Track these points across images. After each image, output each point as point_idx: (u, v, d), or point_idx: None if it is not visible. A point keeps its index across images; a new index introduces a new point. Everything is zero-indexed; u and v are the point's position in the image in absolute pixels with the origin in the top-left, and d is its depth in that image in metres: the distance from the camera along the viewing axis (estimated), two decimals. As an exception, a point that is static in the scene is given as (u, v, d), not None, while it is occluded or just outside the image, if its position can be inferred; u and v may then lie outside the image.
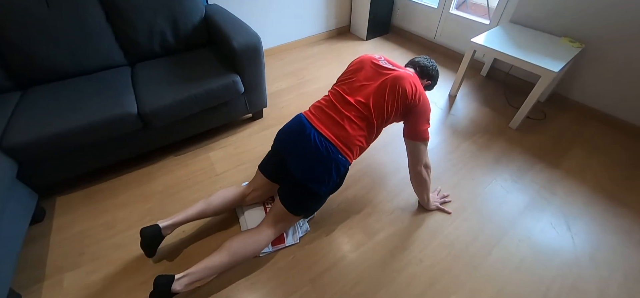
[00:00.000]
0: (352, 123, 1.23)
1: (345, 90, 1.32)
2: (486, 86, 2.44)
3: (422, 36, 3.04)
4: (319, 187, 1.20)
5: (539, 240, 1.40)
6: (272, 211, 1.31)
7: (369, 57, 1.40)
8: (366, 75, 1.33)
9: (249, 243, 1.22)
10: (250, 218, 1.45)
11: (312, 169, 1.19)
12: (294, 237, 1.41)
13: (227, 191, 1.40)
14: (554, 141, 1.91)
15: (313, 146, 1.18)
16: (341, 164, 1.20)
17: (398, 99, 1.25)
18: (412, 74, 1.33)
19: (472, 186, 1.65)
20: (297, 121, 1.30)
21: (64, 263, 1.33)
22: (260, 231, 1.26)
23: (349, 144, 1.21)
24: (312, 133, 1.21)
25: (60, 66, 1.70)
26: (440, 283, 1.26)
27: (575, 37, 1.97)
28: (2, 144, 1.34)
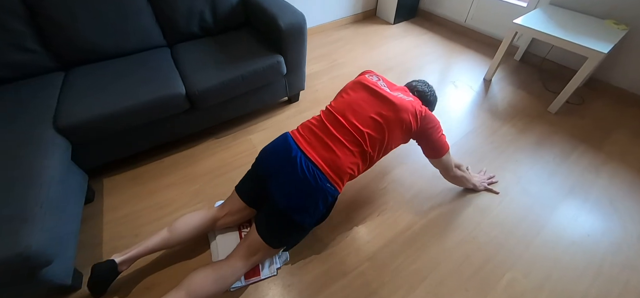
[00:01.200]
0: (344, 147, 1.11)
1: (339, 110, 1.20)
2: (521, 71, 2.42)
3: (452, 20, 3.00)
4: (303, 218, 1.07)
5: (587, 220, 1.42)
6: (245, 242, 1.14)
7: (366, 79, 1.29)
8: (363, 97, 1.22)
9: (213, 280, 1.04)
10: (223, 245, 1.28)
11: (297, 197, 1.06)
12: (271, 269, 1.24)
13: (193, 217, 1.23)
14: (594, 126, 1.91)
15: (299, 172, 1.05)
16: (329, 193, 1.07)
17: (399, 129, 1.18)
18: (413, 100, 1.24)
19: (516, 168, 1.66)
20: (282, 140, 1.17)
21: (120, 244, 1.34)
22: (229, 264, 1.10)
23: (339, 171, 1.09)
24: (299, 156, 1.08)
25: (102, 47, 1.69)
26: (495, 260, 1.29)
27: (618, 19, 1.95)
28: (57, 124, 1.34)
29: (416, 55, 2.66)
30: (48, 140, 1.26)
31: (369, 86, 1.25)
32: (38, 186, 1.08)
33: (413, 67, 2.50)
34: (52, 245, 1.01)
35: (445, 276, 1.24)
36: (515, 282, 1.21)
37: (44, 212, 1.03)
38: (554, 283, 1.21)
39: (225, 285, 1.08)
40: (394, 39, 2.91)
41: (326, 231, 1.38)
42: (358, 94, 1.24)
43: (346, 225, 1.41)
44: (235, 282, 1.13)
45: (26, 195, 1.04)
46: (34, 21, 1.54)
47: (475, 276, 1.23)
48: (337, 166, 1.08)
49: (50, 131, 1.30)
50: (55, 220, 1.09)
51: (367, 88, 1.25)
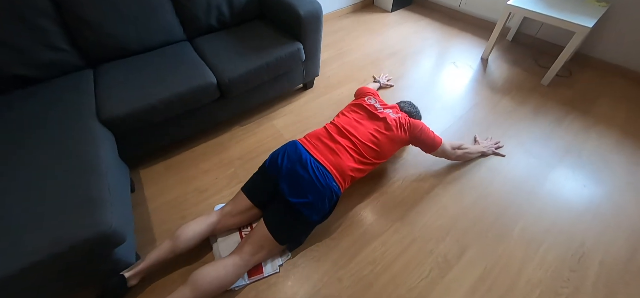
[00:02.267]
0: (346, 153, 1.31)
1: (342, 125, 1.42)
2: (513, 50, 2.63)
3: (447, 5, 3.18)
4: (311, 213, 1.18)
5: (583, 174, 1.63)
6: (251, 238, 1.19)
7: (365, 102, 1.54)
8: (362, 115, 1.50)
9: (218, 277, 1.09)
10: (225, 248, 1.30)
11: (307, 194, 1.17)
12: (274, 266, 1.27)
13: (195, 223, 1.25)
14: (582, 95, 2.14)
15: (310, 172, 1.20)
16: (335, 192, 1.22)
17: (393, 142, 1.42)
18: (400, 116, 1.49)
19: (518, 134, 1.86)
20: (292, 146, 1.32)
21: (170, 226, 1.44)
22: (233, 262, 1.14)
23: (343, 174, 1.26)
24: (308, 158, 1.24)
25: (127, 43, 1.75)
26: (508, 212, 1.47)
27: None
28: (101, 117, 1.42)
29: (416, 40, 2.82)
30: (96, 132, 1.33)
31: (367, 108, 1.52)
32: (100, 173, 1.15)
33: (414, 51, 2.66)
34: (124, 224, 1.10)
35: (467, 227, 1.41)
36: (526, 228, 1.40)
37: (112, 194, 1.13)
38: (559, 226, 1.41)
39: (229, 282, 1.13)
40: (393, 26, 3.06)
41: (356, 199, 1.53)
42: (358, 114, 1.51)
43: (374, 193, 1.56)
44: (238, 279, 1.18)
45: (93, 182, 1.11)
46: (62, 20, 1.59)
47: (492, 226, 1.42)
48: (341, 168, 1.27)
49: (96, 124, 1.37)
50: (120, 202, 1.18)
51: (365, 110, 1.52)
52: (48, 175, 1.12)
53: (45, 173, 1.12)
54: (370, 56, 2.60)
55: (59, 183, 1.09)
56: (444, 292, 1.21)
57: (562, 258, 1.30)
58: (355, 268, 1.28)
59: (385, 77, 2.29)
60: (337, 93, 2.21)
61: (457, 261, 1.30)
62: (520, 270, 1.26)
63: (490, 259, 1.30)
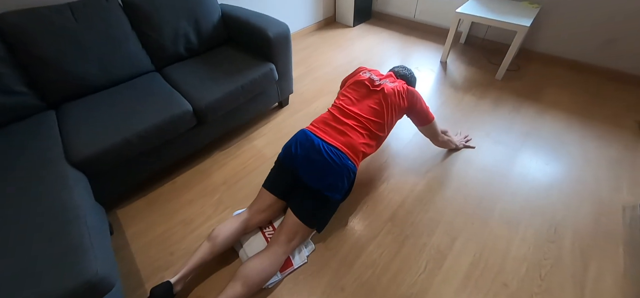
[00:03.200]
0: (355, 131, 1.35)
1: (344, 105, 1.45)
2: (467, 51, 2.88)
3: (403, 17, 3.42)
4: (334, 194, 1.25)
5: (544, 154, 1.80)
6: (283, 228, 1.26)
7: (361, 75, 1.56)
8: (361, 92, 1.49)
9: (265, 265, 1.18)
10: (251, 248, 1.36)
11: (326, 176, 1.24)
12: (301, 257, 1.35)
13: (228, 223, 1.31)
14: (532, 84, 2.39)
15: (325, 156, 1.24)
16: (351, 170, 1.28)
17: (394, 110, 1.45)
18: (397, 84, 1.51)
19: (483, 125, 2.02)
20: (302, 135, 1.35)
21: (159, 265, 1.36)
22: (273, 250, 1.22)
23: (355, 150, 1.31)
24: (320, 143, 1.28)
25: (91, 79, 1.67)
26: (486, 197, 1.58)
27: (532, 0, 2.47)
28: (70, 159, 1.33)
29: (380, 51, 2.99)
30: (67, 176, 1.24)
31: (364, 82, 1.52)
32: (78, 218, 1.08)
33: (380, 61, 2.81)
34: (110, 270, 1.03)
35: (453, 217, 1.49)
36: (505, 209, 1.51)
37: (94, 241, 1.05)
38: (532, 203, 1.54)
39: (273, 270, 1.21)
40: (357, 40, 3.22)
41: (346, 207, 1.55)
42: (357, 91, 1.51)
43: (362, 199, 1.60)
44: (280, 265, 1.24)
45: (72, 229, 1.04)
46: (16, 61, 1.49)
47: (475, 212, 1.51)
48: (352, 146, 1.31)
49: (67, 167, 1.28)
50: (103, 246, 1.10)
51: (363, 84, 1.52)
52: (24, 229, 1.02)
53: (20, 227, 1.03)
54: (339, 69, 2.70)
55: (37, 236, 1.00)
56: (442, 282, 1.26)
57: (540, 232, 1.41)
58: (356, 274, 1.30)
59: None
60: (312, 107, 2.26)
61: (449, 251, 1.36)
62: (506, 249, 1.35)
63: (478, 244, 1.38)
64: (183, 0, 1.90)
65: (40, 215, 1.07)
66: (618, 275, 1.26)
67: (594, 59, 2.44)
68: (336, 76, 2.60)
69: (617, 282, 1.24)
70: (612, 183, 1.62)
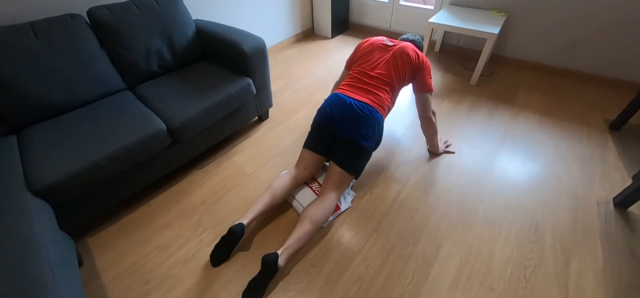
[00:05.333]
0: (379, 88, 1.55)
1: (366, 68, 1.63)
2: (442, 58, 2.97)
3: (379, 28, 3.49)
4: (368, 143, 1.46)
5: (520, 155, 1.85)
6: (329, 179, 1.48)
7: (375, 40, 1.72)
8: (379, 54, 1.65)
9: (323, 208, 1.39)
10: (302, 198, 1.57)
11: (360, 128, 1.44)
12: (347, 202, 1.60)
13: (282, 178, 1.51)
14: (504, 89, 2.47)
15: (357, 110, 1.45)
16: (379, 121, 1.50)
17: (406, 64, 1.59)
18: (411, 44, 1.68)
19: (461, 130, 2.06)
20: (335, 97, 1.54)
21: (133, 296, 1.27)
22: (327, 196, 1.43)
23: (382, 104, 1.53)
24: (352, 102, 1.48)
25: (56, 101, 1.57)
26: (467, 200, 1.60)
27: (499, 8, 2.59)
28: (32, 188, 1.23)
29: (358, 61, 3.02)
30: (29, 206, 1.15)
31: (377, 44, 1.69)
32: (38, 252, 1.00)
33: (358, 71, 2.84)
34: (74, 305, 0.95)
35: (437, 223, 1.49)
36: (487, 211, 1.53)
37: (56, 277, 0.97)
38: (514, 202, 1.57)
39: (330, 210, 1.41)
40: (336, 51, 3.25)
41: (328, 223, 1.52)
42: (373, 54, 1.66)
43: (346, 210, 1.58)
44: (334, 207, 1.44)
45: (31, 264, 0.95)
46: (-31, 87, 1.38)
47: (458, 216, 1.52)
48: (379, 100, 1.53)
49: (27, 196, 1.19)
50: (67, 282, 1.02)
51: (377, 46, 1.68)
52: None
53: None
54: (319, 80, 2.70)
55: (-11, 274, 0.90)
56: (430, 291, 1.24)
57: (522, 232, 1.43)
58: (343, 290, 1.25)
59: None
60: (293, 120, 2.23)
61: (435, 258, 1.35)
62: (491, 252, 1.36)
63: (463, 248, 1.38)
64: (155, 17, 1.84)
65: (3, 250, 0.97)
66: (598, 270, 1.29)
67: (559, 62, 2.57)
68: (316, 88, 2.59)
69: (597, 277, 1.26)
70: (586, 179, 1.68)
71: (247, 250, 1.41)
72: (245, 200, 1.65)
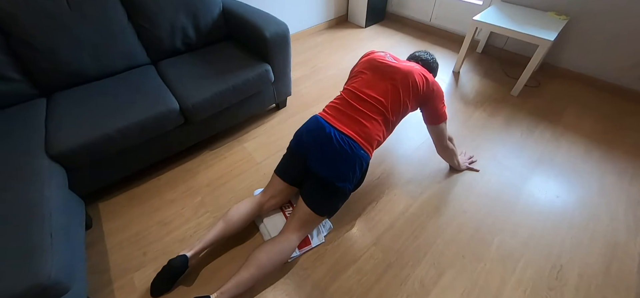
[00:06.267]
0: (369, 118, 1.27)
1: (358, 88, 1.35)
2: (483, 62, 2.69)
3: (418, 20, 3.24)
4: (345, 184, 1.21)
5: (555, 184, 1.63)
6: (294, 216, 1.27)
7: (375, 55, 1.45)
8: (376, 73, 1.37)
9: (276, 253, 1.18)
10: (271, 225, 1.41)
11: (337, 167, 1.20)
12: (319, 237, 1.39)
13: (243, 205, 1.34)
14: (551, 104, 2.18)
15: (336, 145, 1.19)
16: (364, 160, 1.23)
17: (411, 93, 1.33)
18: (419, 67, 1.39)
19: (491, 146, 1.86)
20: (314, 121, 1.30)
21: (130, 265, 1.33)
22: (285, 237, 1.23)
23: (369, 139, 1.25)
24: (332, 131, 1.22)
25: (84, 69, 1.65)
26: (484, 227, 1.44)
27: (559, 10, 2.25)
28: (49, 151, 1.31)
29: (389, 55, 2.84)
30: (43, 169, 1.22)
31: (379, 61, 1.41)
32: (44, 216, 1.05)
33: (388, 66, 2.67)
34: (67, 272, 0.99)
35: (443, 247, 1.37)
36: (504, 243, 1.37)
37: (54, 241, 1.01)
38: (537, 238, 1.39)
39: (286, 256, 1.22)
40: (367, 41, 3.09)
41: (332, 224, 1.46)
42: (371, 71, 1.39)
43: (348, 217, 1.50)
44: (293, 252, 1.26)
45: (34, 227, 1.01)
46: (10, 49, 1.48)
47: (469, 243, 1.38)
48: (366, 134, 1.25)
49: (44, 159, 1.26)
50: (65, 247, 1.06)
51: (378, 63, 1.40)
52: (-20, 223, 1.00)
53: (-25, 219, 1.01)
54: (344, 72, 2.59)
55: (-6, 231, 0.98)
56: (421, 320, 1.15)
57: (540, 274, 1.27)
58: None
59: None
60: (310, 112, 2.16)
61: (434, 286, 1.24)
62: (498, 292, 1.22)
63: (468, 280, 1.25)
64: (182, -7, 1.85)
65: (3, 209, 1.04)
66: (626, 336, 1.11)
67: (625, 81, 2.19)
68: (341, 80, 2.49)
69: (623, 345, 1.09)
70: (631, 226, 1.43)
71: (190, 285, 1.25)
72: (249, 188, 1.64)
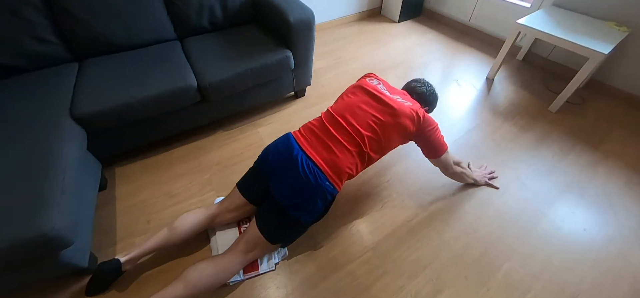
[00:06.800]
0: (343, 148, 1.15)
1: (339, 112, 1.25)
2: (523, 70, 2.47)
3: (456, 19, 3.04)
4: (303, 216, 1.11)
5: (584, 215, 1.47)
6: (244, 237, 1.17)
7: (368, 82, 1.35)
8: (364, 100, 1.27)
9: (212, 274, 1.08)
10: (223, 240, 1.30)
11: (297, 195, 1.09)
12: (270, 264, 1.26)
13: (193, 215, 1.24)
14: (594, 125, 1.96)
15: (300, 171, 1.08)
16: (328, 192, 1.11)
17: (397, 133, 1.23)
18: (412, 104, 1.28)
19: (516, 164, 1.71)
20: (285, 140, 1.21)
21: (134, 229, 1.40)
22: (227, 259, 1.13)
23: (339, 171, 1.13)
24: (299, 155, 1.12)
25: (116, 39, 1.73)
26: (494, 250, 1.34)
27: (620, 21, 1.99)
28: (73, 113, 1.39)
29: (420, 53, 2.70)
30: (65, 129, 1.30)
31: (369, 90, 1.29)
32: (58, 172, 1.12)
33: (417, 65, 2.54)
34: (72, 227, 1.05)
35: (446, 264, 1.29)
36: (512, 271, 1.27)
37: (64, 197, 1.08)
38: (551, 273, 1.26)
39: (223, 279, 1.12)
40: (398, 37, 2.95)
41: (331, 221, 1.43)
42: (358, 97, 1.29)
43: (350, 216, 1.46)
44: (232, 276, 1.16)
45: (47, 180, 1.08)
46: (50, 12, 1.58)
47: (474, 265, 1.29)
48: (336, 166, 1.12)
49: (67, 120, 1.35)
50: (73, 204, 1.13)
51: (367, 92, 1.29)
52: (2, 171, 1.09)
53: None
54: (370, 67, 2.50)
55: (11, 180, 1.06)
56: (408, 336, 1.10)
57: (549, 312, 1.16)
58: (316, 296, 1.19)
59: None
60: (328, 104, 2.10)
61: (428, 302, 1.18)
62: (497, 321, 1.13)
63: (466, 304, 1.18)
64: (212, -28, 1.86)
65: (23, 160, 1.13)
66: None
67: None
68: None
69: None
70: (668, 276, 1.26)
71: (123, 291, 1.20)
72: (255, 173, 1.65)
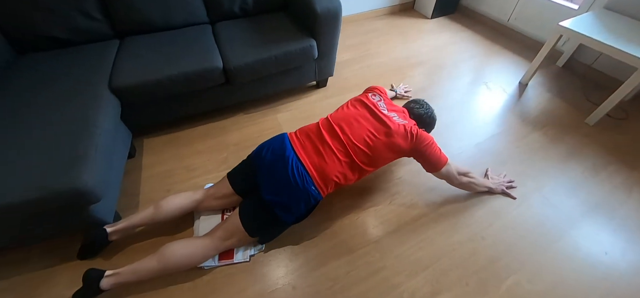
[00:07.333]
0: (333, 156, 1.20)
1: (336, 121, 1.31)
2: (562, 77, 2.29)
3: (493, 18, 2.87)
4: (285, 214, 1.17)
5: (608, 239, 1.36)
6: (224, 224, 1.22)
7: (368, 98, 1.41)
8: (362, 114, 1.33)
9: (185, 254, 1.14)
10: (204, 225, 1.34)
11: (283, 194, 1.15)
12: (245, 255, 1.28)
13: (179, 198, 1.31)
14: (634, 143, 1.79)
15: (289, 172, 1.14)
16: (312, 196, 1.16)
17: (391, 150, 1.28)
18: (407, 123, 1.32)
19: (540, 176, 1.61)
20: (279, 139, 1.28)
21: (154, 196, 1.52)
22: (204, 243, 1.18)
23: (325, 178, 1.17)
24: (291, 156, 1.18)
25: (154, 20, 1.86)
26: (501, 261, 1.29)
27: (681, 30, 1.78)
28: (111, 85, 1.53)
29: (451, 52, 2.60)
30: (103, 97, 1.44)
31: (369, 105, 1.37)
32: (94, 133, 1.25)
33: (445, 64, 2.45)
34: (101, 185, 1.18)
35: (447, 268, 1.27)
36: (518, 286, 1.22)
37: (98, 156, 1.21)
38: (560, 294, 1.20)
39: (196, 261, 1.18)
40: (429, 34, 2.86)
41: (336, 210, 1.46)
42: (357, 110, 1.36)
43: (356, 207, 1.48)
44: (206, 260, 1.22)
45: (84, 139, 1.21)
46: (98, -10, 1.74)
47: (478, 273, 1.26)
48: (324, 172, 1.17)
49: (105, 90, 1.49)
50: (105, 165, 1.26)
51: (367, 107, 1.36)
52: (45, 130, 1.24)
53: (43, 127, 1.25)
54: (395, 63, 2.45)
55: (53, 138, 1.21)
56: (399, 331, 1.11)
57: (552, 332, 1.11)
58: (313, 281, 1.23)
59: (404, 88, 2.14)
60: (348, 97, 2.09)
61: (423, 302, 1.18)
62: (493, 332, 1.11)
63: (463, 310, 1.16)
64: (246, -42, 1.92)
65: (64, 122, 1.28)
66: None
67: None
68: (387, 71, 2.37)
69: None
70: (699, 315, 1.15)
71: (109, 259, 1.29)
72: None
